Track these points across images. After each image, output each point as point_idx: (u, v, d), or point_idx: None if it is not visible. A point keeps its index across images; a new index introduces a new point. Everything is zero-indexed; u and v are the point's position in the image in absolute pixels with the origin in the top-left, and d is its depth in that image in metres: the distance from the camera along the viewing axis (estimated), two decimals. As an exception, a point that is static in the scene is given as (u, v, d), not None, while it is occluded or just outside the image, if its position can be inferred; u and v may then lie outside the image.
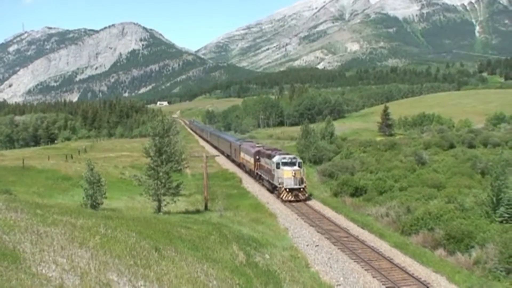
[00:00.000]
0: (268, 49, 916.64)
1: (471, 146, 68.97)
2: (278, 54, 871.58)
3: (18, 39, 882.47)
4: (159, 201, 30.65)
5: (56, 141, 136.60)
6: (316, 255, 23.63)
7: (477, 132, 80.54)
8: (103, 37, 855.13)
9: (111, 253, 12.18)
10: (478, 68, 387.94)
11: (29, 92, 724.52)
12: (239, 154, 54.88)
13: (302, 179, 37.22)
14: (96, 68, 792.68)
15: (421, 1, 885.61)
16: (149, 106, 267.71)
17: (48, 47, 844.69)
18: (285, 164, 37.24)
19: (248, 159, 49.88)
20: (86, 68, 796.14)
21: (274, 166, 38.10)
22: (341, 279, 20.46)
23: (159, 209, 30.55)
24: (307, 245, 25.41)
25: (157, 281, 11.26)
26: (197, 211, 33.27)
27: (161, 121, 31.81)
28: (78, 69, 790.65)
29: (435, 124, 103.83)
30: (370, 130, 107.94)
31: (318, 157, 58.80)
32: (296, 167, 37.18)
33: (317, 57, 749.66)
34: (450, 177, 41.91)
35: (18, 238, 11.19)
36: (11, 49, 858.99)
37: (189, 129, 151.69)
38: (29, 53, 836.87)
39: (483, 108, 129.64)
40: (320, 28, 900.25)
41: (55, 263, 10.19)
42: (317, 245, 25.31)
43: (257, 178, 46.52)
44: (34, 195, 34.14)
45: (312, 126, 72.94)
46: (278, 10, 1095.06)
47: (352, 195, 37.89)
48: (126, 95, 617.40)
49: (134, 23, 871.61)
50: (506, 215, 25.66)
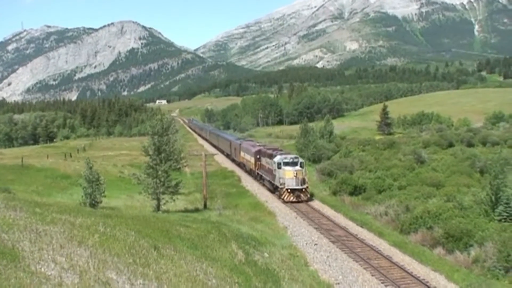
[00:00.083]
0: (267, 48, 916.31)
1: (470, 145, 68.98)
2: (277, 53, 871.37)
3: (17, 37, 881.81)
4: (158, 199, 30.67)
5: (55, 140, 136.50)
6: (315, 254, 23.66)
7: (476, 131, 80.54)
8: (102, 35, 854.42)
9: (110, 251, 12.18)
10: (477, 67, 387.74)
11: (28, 91, 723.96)
12: (239, 153, 54.17)
13: (304, 179, 36.52)
14: (95, 67, 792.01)
15: (420, 0, 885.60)
16: (148, 104, 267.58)
17: (47, 45, 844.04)
18: (286, 164, 36.51)
19: (248, 158, 49.17)
20: (85, 66, 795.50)
21: (275, 166, 37.39)
22: (340, 277, 20.49)
23: (158, 207, 30.57)
24: (306, 243, 25.44)
25: (156, 279, 11.26)
26: (196, 210, 33.28)
27: (160, 120, 31.81)
28: (77, 67, 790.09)
29: (434, 123, 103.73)
30: (369, 129, 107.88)
31: (317, 156, 58.81)
32: (298, 167, 36.51)
33: (316, 56, 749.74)
34: (449, 175, 41.94)
35: (17, 237, 11.19)
36: (10, 47, 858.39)
37: (188, 128, 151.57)
38: (28, 51, 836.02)
39: (482, 107, 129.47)
40: (319, 27, 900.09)
41: (54, 261, 10.19)
42: (316, 244, 25.33)
43: (257, 178, 45.83)
44: (33, 193, 34.15)
45: (311, 125, 73.03)
46: (277, 9, 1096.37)
47: (351, 193, 37.91)
48: (125, 93, 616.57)
49: (133, 22, 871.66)
50: (505, 213, 25.70)
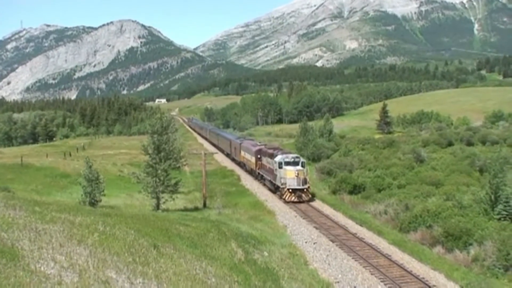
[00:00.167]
0: (266, 46, 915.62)
1: (469, 143, 68.95)
2: (276, 51, 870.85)
3: (17, 36, 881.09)
4: (157, 198, 30.70)
5: (54, 139, 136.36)
6: (314, 253, 23.67)
7: (476, 130, 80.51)
8: (101, 34, 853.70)
9: (109, 250, 12.18)
10: (476, 66, 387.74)
11: (27, 90, 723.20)
12: (240, 152, 53.79)
13: (306, 179, 36.11)
14: (94, 66, 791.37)
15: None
16: (147, 103, 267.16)
17: (46, 44, 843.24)
18: (287, 163, 36.12)
19: (249, 158, 48.73)
20: (85, 65, 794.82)
21: (276, 165, 36.97)
22: (340, 276, 20.49)
23: (157, 206, 30.60)
24: (306, 242, 25.45)
25: (155, 278, 11.26)
26: (196, 209, 33.33)
27: (159, 119, 31.84)
28: (76, 66, 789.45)
29: (433, 122, 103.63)
30: (368, 128, 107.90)
31: (316, 155, 58.83)
32: (299, 167, 36.14)
33: (316, 55, 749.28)
34: (448, 174, 41.98)
35: (16, 236, 11.19)
36: (9, 46, 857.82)
37: (187, 127, 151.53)
38: (27, 50, 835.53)
39: (482, 106, 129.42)
40: (319, 25, 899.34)
41: (53, 260, 10.19)
42: (315, 243, 25.34)
43: (258, 177, 45.42)
44: (33, 192, 34.19)
45: (310, 123, 73.09)
46: (277, 8, 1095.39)
47: (351, 192, 37.91)
48: (125, 92, 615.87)
49: (133, 21, 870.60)
50: (504, 212, 25.73)
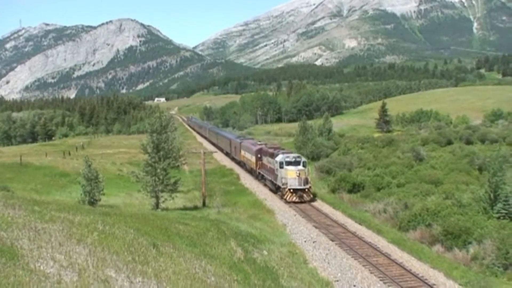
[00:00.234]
0: (266, 45, 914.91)
1: (468, 142, 69.07)
2: (276, 50, 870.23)
3: (16, 35, 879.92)
4: (157, 197, 30.71)
5: (53, 138, 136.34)
6: (314, 251, 23.67)
7: (475, 129, 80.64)
8: (100, 33, 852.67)
9: (109, 249, 12.18)
10: (476, 65, 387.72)
11: (26, 89, 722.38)
12: (240, 152, 53.40)
13: (307, 179, 35.61)
14: (93, 65, 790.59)
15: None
16: (146, 102, 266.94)
17: (45, 43, 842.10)
18: (289, 163, 35.62)
19: (249, 157, 48.30)
20: (84, 64, 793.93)
21: (277, 165, 36.47)
22: (339, 275, 20.49)
23: (157, 205, 30.61)
24: (305, 241, 25.46)
25: (155, 277, 11.26)
26: (195, 208, 33.34)
27: (158, 118, 31.84)
28: (75, 65, 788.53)
29: (432, 121, 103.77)
30: (367, 127, 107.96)
31: (315, 154, 58.83)
32: (301, 167, 35.66)
33: (315, 54, 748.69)
34: (447, 173, 42.01)
35: (16, 235, 11.19)
36: (8, 45, 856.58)
37: (187, 126, 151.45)
38: (26, 49, 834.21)
39: (481, 105, 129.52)
40: (318, 24, 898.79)
41: (53, 259, 10.19)
42: (315, 241, 25.34)
43: (259, 177, 44.95)
44: (32, 191, 34.19)
45: (310, 122, 73.11)
46: (276, 7, 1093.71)
47: (350, 191, 37.89)
48: (124, 91, 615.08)
49: (132, 20, 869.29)
50: (504, 211, 25.74)
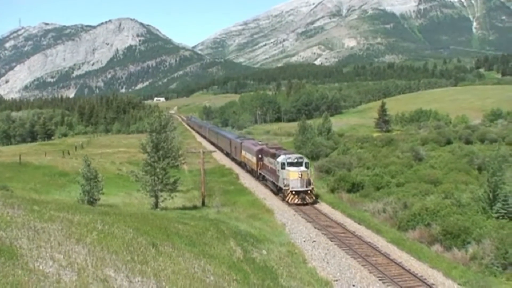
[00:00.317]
0: (265, 45, 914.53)
1: (468, 142, 69.15)
2: (275, 50, 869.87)
3: (15, 35, 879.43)
4: (156, 197, 30.69)
5: (53, 137, 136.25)
6: (313, 251, 23.68)
7: (474, 128, 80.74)
8: (100, 32, 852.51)
9: (108, 249, 12.17)
10: (475, 64, 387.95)
11: (25, 88, 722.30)
12: (240, 152, 52.81)
13: (310, 180, 34.84)
14: (93, 64, 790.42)
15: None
16: (146, 102, 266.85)
17: (44, 43, 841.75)
18: (290, 164, 34.90)
19: (249, 157, 47.72)
20: (83, 64, 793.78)
21: (279, 166, 35.73)
22: (338, 274, 20.51)
23: (156, 205, 30.59)
24: (304, 240, 25.46)
25: (154, 277, 11.26)
26: (194, 207, 33.34)
27: (158, 117, 31.81)
28: (75, 65, 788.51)
29: (432, 120, 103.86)
30: (367, 126, 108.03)
31: (315, 153, 58.81)
32: (303, 168, 34.87)
33: (314, 53, 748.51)
34: (447, 173, 42.05)
35: (15, 234, 11.18)
36: (7, 45, 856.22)
37: (186, 125, 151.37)
38: (25, 49, 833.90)
39: (480, 104, 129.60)
40: (318, 24, 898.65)
41: (52, 259, 10.18)
42: (314, 241, 25.35)
43: (260, 178, 44.22)
44: (31, 191, 34.17)
45: (309, 122, 73.19)
46: (276, 6, 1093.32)
47: (349, 191, 37.88)
48: (123, 91, 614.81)
49: (131, 19, 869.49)
50: (503, 211, 25.75)
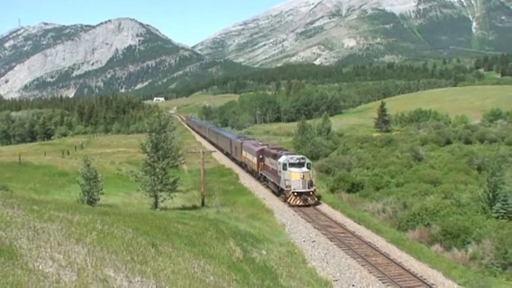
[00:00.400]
0: (265, 45, 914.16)
1: (467, 142, 69.20)
2: (275, 50, 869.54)
3: (14, 34, 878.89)
4: (156, 197, 30.68)
5: (52, 137, 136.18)
6: (312, 251, 23.68)
7: (474, 128, 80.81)
8: (99, 32, 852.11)
9: (108, 249, 12.16)
10: (474, 64, 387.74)
11: (25, 88, 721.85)
12: (241, 152, 52.43)
13: (312, 181, 34.70)
14: (92, 64, 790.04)
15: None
16: (145, 102, 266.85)
17: (44, 42, 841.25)
18: (292, 165, 34.50)
19: (250, 158, 47.40)
20: (83, 63, 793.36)
21: (280, 167, 35.39)
22: (338, 274, 20.51)
23: (156, 205, 30.58)
24: (304, 240, 25.46)
25: (154, 276, 11.25)
26: (194, 207, 33.33)
27: (157, 117, 31.82)
28: (74, 64, 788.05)
29: (431, 120, 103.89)
30: (366, 126, 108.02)
31: (314, 153, 58.78)
32: (305, 169, 34.54)
33: (314, 53, 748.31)
34: (446, 173, 42.08)
35: (14, 234, 11.16)
36: (7, 44, 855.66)
37: (186, 125, 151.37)
38: (25, 48, 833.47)
39: (480, 104, 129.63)
40: (317, 24, 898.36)
41: (52, 259, 10.17)
42: (313, 241, 25.35)
43: (261, 179, 43.84)
44: (31, 191, 34.17)
45: (309, 122, 73.08)
46: (275, 6, 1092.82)
47: (349, 191, 37.91)
48: (123, 91, 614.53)
49: (131, 19, 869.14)
50: (502, 211, 25.76)
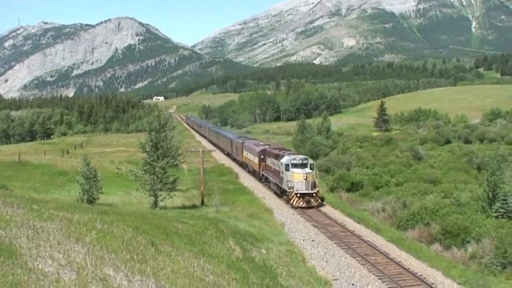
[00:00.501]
0: (264, 44, 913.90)
1: (467, 141, 69.29)
2: (274, 49, 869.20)
3: (14, 34, 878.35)
4: (155, 196, 30.68)
5: (52, 136, 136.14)
6: (312, 250, 23.67)
7: (473, 128, 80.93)
8: (99, 32, 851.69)
9: (107, 248, 12.16)
10: (474, 64, 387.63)
11: (25, 87, 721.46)
12: (242, 152, 51.83)
13: (315, 182, 33.79)
14: (92, 63, 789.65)
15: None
16: (145, 101, 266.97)
17: (44, 42, 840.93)
18: (295, 166, 33.68)
19: (251, 158, 46.83)
20: (82, 63, 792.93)
21: (282, 167, 34.62)
22: (337, 273, 20.50)
23: (155, 204, 30.57)
24: (304, 240, 25.45)
25: (153, 276, 11.25)
26: (194, 206, 33.32)
27: (157, 116, 31.82)
28: (74, 64, 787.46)
29: (431, 120, 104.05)
30: (366, 126, 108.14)
31: (314, 152, 58.78)
32: (308, 170, 33.72)
33: (314, 53, 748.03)
34: (446, 172, 42.10)
35: (14, 233, 11.16)
36: (6, 44, 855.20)
37: (185, 125, 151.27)
38: (25, 48, 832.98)
39: (479, 104, 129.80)
40: (317, 23, 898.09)
41: (51, 258, 10.17)
42: (313, 240, 25.34)
43: (262, 180, 43.07)
44: (30, 190, 34.14)
45: (308, 121, 73.15)
46: (275, 5, 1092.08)
47: (348, 190, 37.94)
48: (122, 90, 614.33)
49: (130, 18, 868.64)
50: (502, 210, 25.76)
